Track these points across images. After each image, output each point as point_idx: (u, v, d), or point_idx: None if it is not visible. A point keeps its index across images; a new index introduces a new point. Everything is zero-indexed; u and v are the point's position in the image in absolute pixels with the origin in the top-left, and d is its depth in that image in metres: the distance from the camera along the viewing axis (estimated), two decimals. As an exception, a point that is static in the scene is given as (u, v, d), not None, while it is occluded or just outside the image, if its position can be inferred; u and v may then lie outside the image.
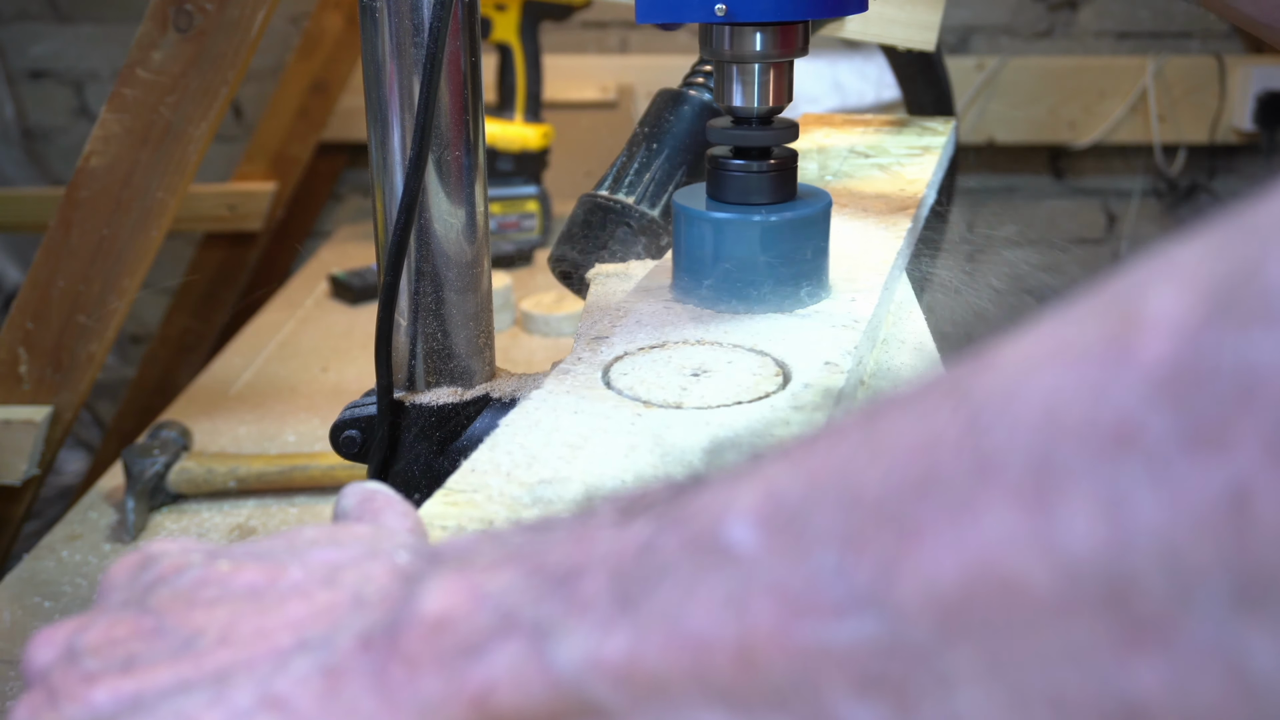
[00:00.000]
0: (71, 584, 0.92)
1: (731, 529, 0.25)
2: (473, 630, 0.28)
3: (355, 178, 2.22)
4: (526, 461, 0.48)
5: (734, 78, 0.62)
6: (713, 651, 0.24)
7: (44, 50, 2.18)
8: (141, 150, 0.97)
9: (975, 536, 0.21)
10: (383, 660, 0.29)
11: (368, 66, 0.62)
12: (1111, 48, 2.20)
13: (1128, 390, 0.21)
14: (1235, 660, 0.19)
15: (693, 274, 0.65)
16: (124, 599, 0.35)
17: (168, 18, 0.94)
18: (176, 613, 0.33)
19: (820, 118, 1.05)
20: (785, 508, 0.24)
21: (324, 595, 0.32)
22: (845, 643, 0.23)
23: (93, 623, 0.34)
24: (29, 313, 1.02)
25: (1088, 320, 0.22)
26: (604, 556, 0.27)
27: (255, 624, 0.32)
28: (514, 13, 1.66)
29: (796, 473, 0.25)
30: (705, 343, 0.60)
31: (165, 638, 0.32)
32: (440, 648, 0.28)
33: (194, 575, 0.34)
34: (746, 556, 0.24)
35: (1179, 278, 0.21)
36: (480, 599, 0.28)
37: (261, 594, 0.33)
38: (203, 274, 1.96)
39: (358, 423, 0.67)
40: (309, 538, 0.35)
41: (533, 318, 1.40)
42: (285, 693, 0.29)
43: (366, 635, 0.30)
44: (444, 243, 0.64)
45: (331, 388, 1.28)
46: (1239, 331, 0.20)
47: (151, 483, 1.01)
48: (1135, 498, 0.20)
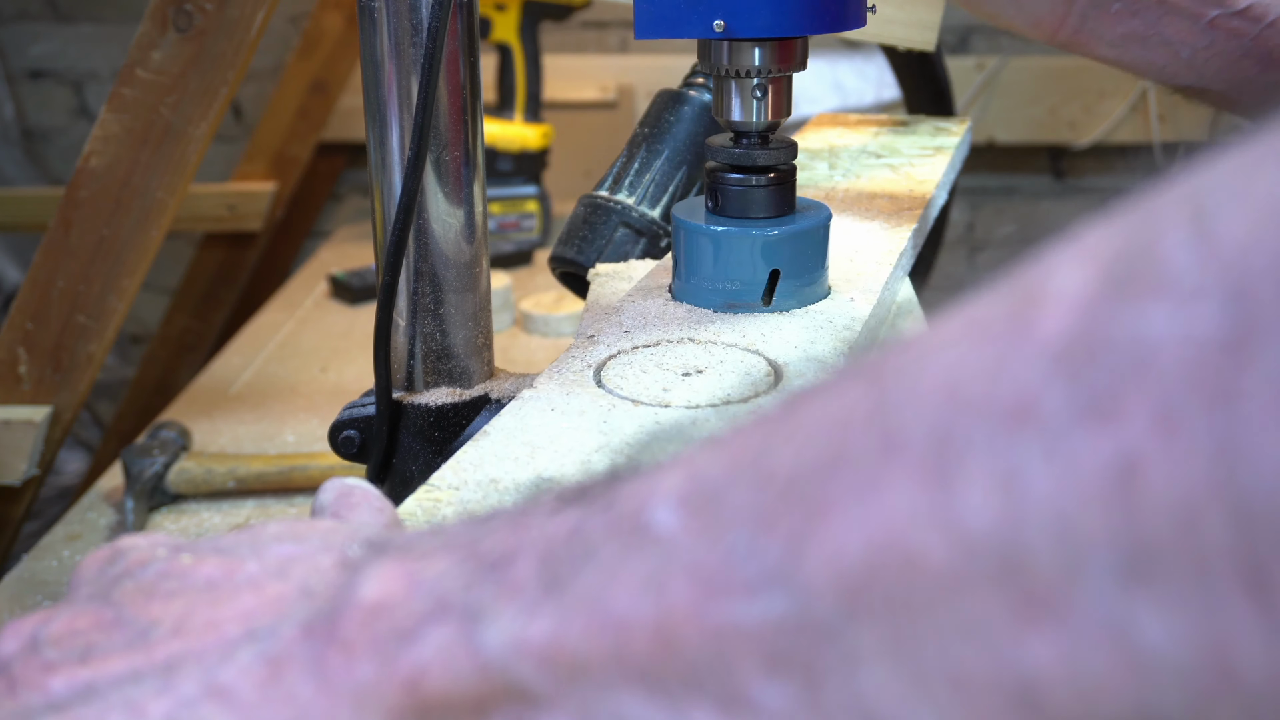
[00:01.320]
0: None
1: (654, 511, 0.25)
2: (407, 615, 0.28)
3: (355, 178, 2.22)
4: (513, 459, 0.48)
5: (733, 93, 0.63)
6: (632, 632, 0.24)
7: (44, 50, 2.18)
8: (141, 150, 0.97)
9: (879, 513, 0.22)
10: (321, 647, 0.29)
11: (366, 66, 0.62)
12: (1111, 48, 2.20)
13: (1026, 364, 0.21)
14: (1125, 633, 0.19)
15: (691, 284, 0.65)
16: (90, 592, 0.36)
17: (167, 18, 0.94)
18: (136, 604, 0.34)
19: (834, 117, 1.05)
20: (704, 489, 0.25)
21: (274, 587, 0.33)
22: (756, 621, 0.23)
23: (57, 615, 0.35)
24: (29, 313, 1.02)
25: (995, 300, 0.23)
26: (535, 541, 0.27)
27: (207, 615, 0.32)
28: (514, 13, 1.66)
29: (718, 455, 0.25)
30: (700, 342, 0.60)
31: (123, 629, 0.33)
32: (375, 633, 0.28)
33: (157, 568, 0.35)
34: (666, 537, 0.25)
35: (1080, 255, 0.22)
36: (415, 585, 0.29)
37: (217, 586, 0.34)
38: (202, 274, 1.96)
39: (356, 423, 0.67)
40: (271, 533, 0.36)
41: (532, 318, 1.40)
42: (229, 682, 0.30)
43: (308, 623, 0.30)
44: (443, 243, 0.64)
45: (331, 388, 1.28)
46: (1132, 304, 0.20)
47: (151, 483, 1.01)
48: (1029, 470, 0.20)
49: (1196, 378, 0.19)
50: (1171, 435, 0.19)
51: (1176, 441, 0.19)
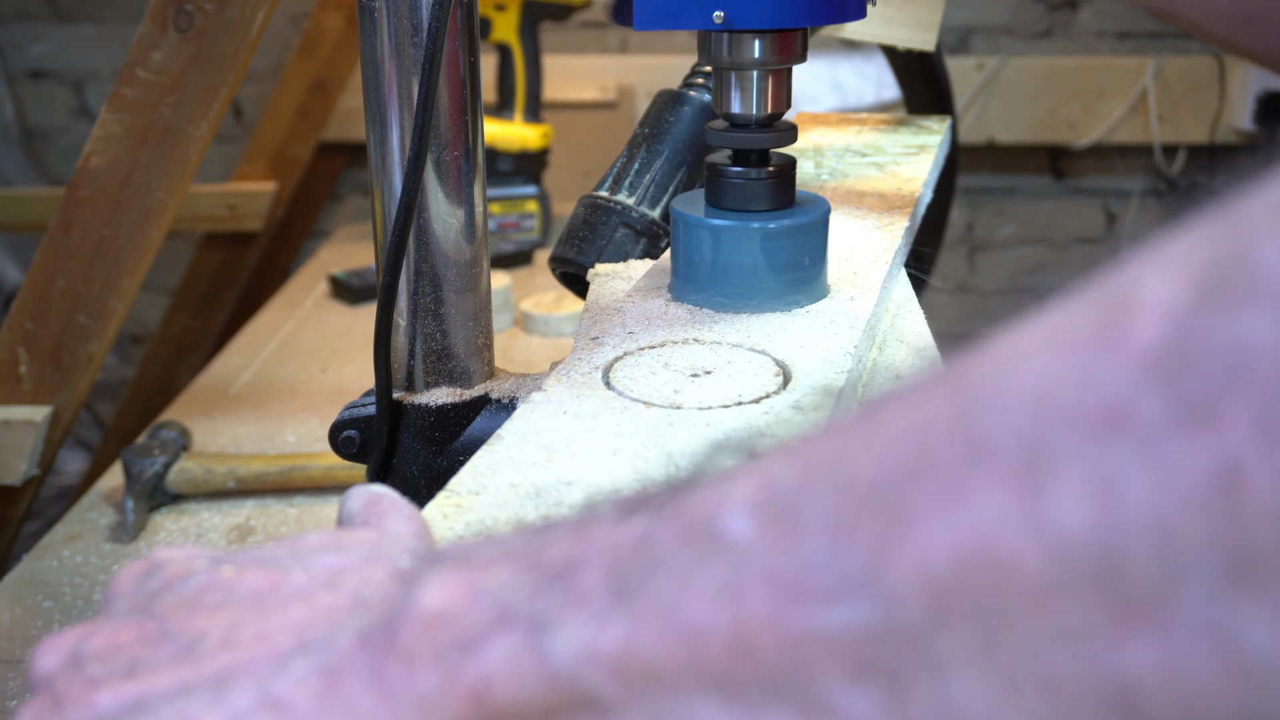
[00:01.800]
0: (71, 584, 0.92)
1: (727, 519, 0.25)
2: (470, 625, 0.28)
3: (355, 178, 2.22)
4: (530, 463, 0.48)
5: (733, 84, 0.63)
6: (707, 640, 0.24)
7: (44, 50, 2.18)
8: (141, 150, 0.97)
9: (966, 520, 0.22)
10: (380, 658, 0.29)
11: (367, 66, 0.62)
12: (1111, 48, 2.20)
13: (1118, 373, 0.21)
14: (1228, 638, 0.19)
15: (691, 281, 0.65)
16: (130, 606, 0.35)
17: (167, 18, 0.94)
18: (180, 618, 0.33)
19: (816, 117, 1.05)
20: (780, 496, 0.24)
21: (325, 598, 0.32)
22: (838, 629, 0.23)
23: (98, 629, 0.34)
24: (29, 313, 1.02)
25: (1080, 310, 0.23)
26: (600, 551, 0.27)
27: (257, 627, 0.32)
28: (514, 13, 1.66)
29: (792, 463, 0.25)
30: (705, 342, 0.60)
31: (168, 642, 0.33)
32: (437, 643, 0.28)
33: (198, 581, 0.35)
34: (741, 545, 0.24)
35: (1170, 265, 0.22)
36: (477, 594, 0.28)
37: (264, 598, 0.33)
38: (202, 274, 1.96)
39: (357, 423, 0.67)
40: (312, 544, 0.36)
41: (532, 318, 1.40)
42: (284, 694, 0.29)
43: (365, 634, 0.30)
44: (443, 243, 0.64)
45: (331, 388, 1.28)
46: (1228, 312, 0.20)
47: (151, 483, 1.01)
48: (1126, 478, 0.20)
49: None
50: (1273, 441, 0.19)
51: (1278, 447, 0.19)
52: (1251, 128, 2.10)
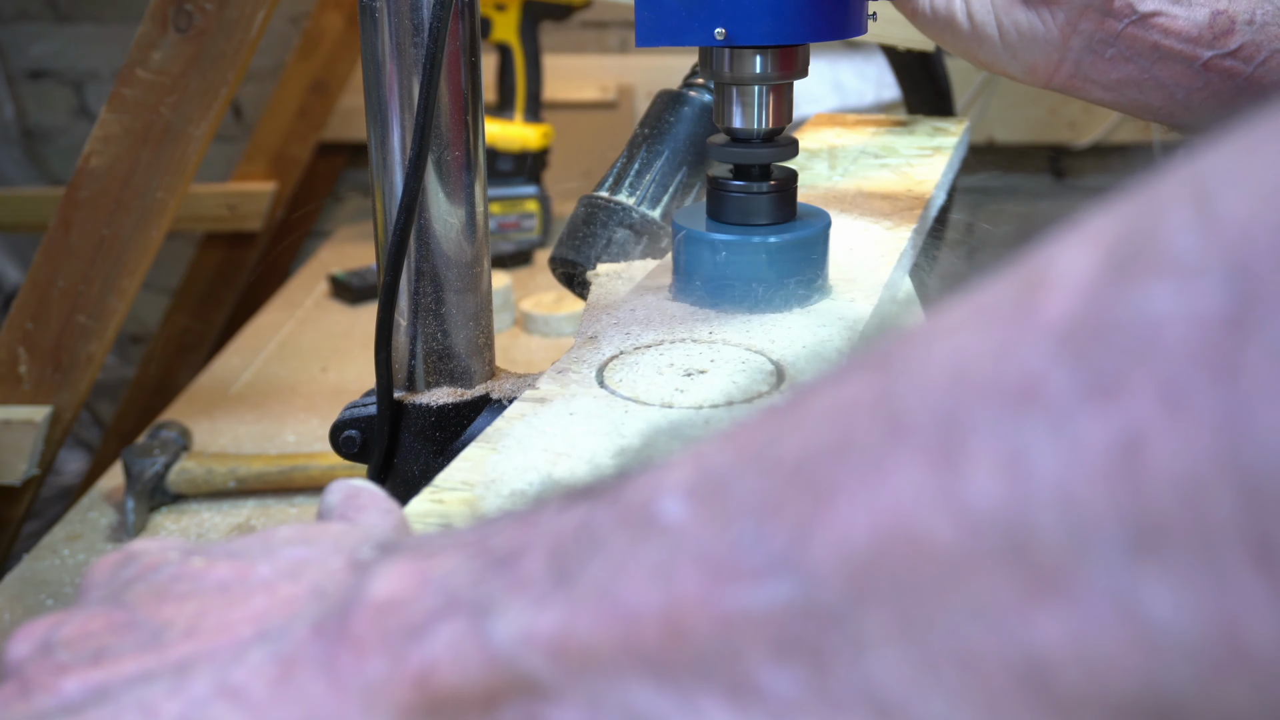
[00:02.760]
0: (72, 584, 0.92)
1: (662, 502, 0.25)
2: (417, 612, 0.28)
3: (355, 178, 2.22)
4: (510, 460, 0.48)
5: (734, 100, 0.63)
6: (641, 622, 0.25)
7: (44, 50, 2.18)
8: (141, 150, 0.97)
9: (885, 496, 0.22)
10: (332, 645, 0.29)
11: (367, 66, 0.62)
12: (1111, 48, 2.20)
13: (1031, 346, 0.21)
14: (1133, 609, 0.19)
15: (692, 295, 0.65)
16: (102, 595, 0.36)
17: (167, 18, 0.94)
18: (148, 606, 0.34)
19: (832, 117, 1.05)
20: (712, 478, 0.25)
21: (286, 588, 0.33)
22: (763, 607, 0.23)
23: (70, 618, 0.35)
24: (29, 313, 1.02)
25: (999, 286, 0.23)
26: (544, 536, 0.27)
27: (220, 617, 0.33)
28: (514, 13, 1.66)
29: (725, 446, 0.26)
30: (701, 341, 0.60)
31: (136, 631, 0.33)
32: (385, 630, 0.28)
33: (169, 571, 0.35)
34: (674, 527, 0.25)
35: (1084, 241, 0.22)
36: (425, 581, 0.29)
37: (230, 588, 0.34)
38: (202, 274, 1.96)
39: (357, 423, 0.67)
40: (283, 536, 0.37)
41: (533, 318, 1.40)
42: (240, 682, 0.30)
43: (319, 622, 0.30)
44: (444, 243, 0.64)
45: (331, 388, 1.28)
46: (1135, 285, 0.20)
47: (151, 483, 1.01)
48: (1035, 450, 0.20)
49: (1200, 354, 0.19)
50: (1176, 411, 0.19)
51: (1181, 417, 0.19)
52: (1251, 128, 2.10)
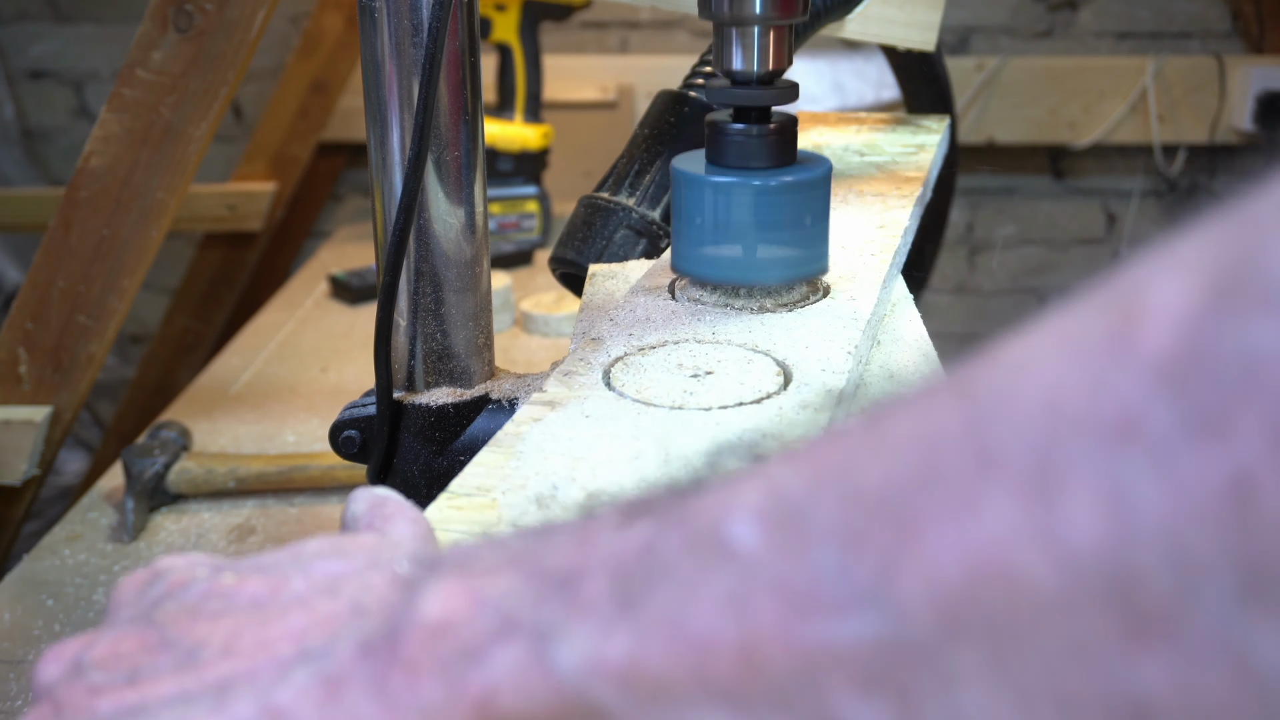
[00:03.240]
0: (72, 584, 0.92)
1: (733, 527, 0.24)
2: (473, 634, 0.28)
3: (355, 178, 2.22)
4: (530, 466, 0.48)
5: (734, 41, 0.62)
6: (715, 652, 0.24)
7: (44, 50, 2.18)
8: (141, 150, 0.97)
9: (976, 531, 0.21)
10: (382, 666, 0.29)
11: (367, 66, 0.62)
12: (1111, 48, 2.20)
13: (1129, 381, 0.20)
14: (1242, 655, 0.19)
15: (692, 241, 0.64)
16: (132, 615, 0.36)
17: (167, 18, 0.94)
18: (181, 626, 0.33)
19: (815, 116, 1.05)
20: (786, 504, 0.24)
21: (324, 605, 0.32)
22: (847, 641, 0.22)
23: (100, 638, 0.34)
24: (29, 313, 1.02)
25: (1090, 314, 0.22)
26: (604, 559, 0.27)
27: (257, 635, 0.32)
28: (514, 13, 1.66)
29: (799, 470, 0.25)
30: (705, 342, 0.59)
31: (170, 650, 0.33)
32: (440, 652, 0.28)
33: (200, 589, 0.35)
34: (747, 554, 0.24)
35: (1179, 270, 0.21)
36: (480, 603, 0.28)
37: (264, 605, 0.33)
38: (202, 274, 1.96)
39: (357, 423, 0.67)
40: (313, 550, 0.36)
41: (532, 318, 1.40)
42: (285, 703, 0.30)
43: (366, 642, 0.30)
44: (443, 243, 0.64)
45: (331, 388, 1.28)
46: (1240, 319, 0.19)
47: (151, 483, 1.01)
48: (1137, 489, 0.20)
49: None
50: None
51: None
52: (1251, 128, 2.10)
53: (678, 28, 2.20)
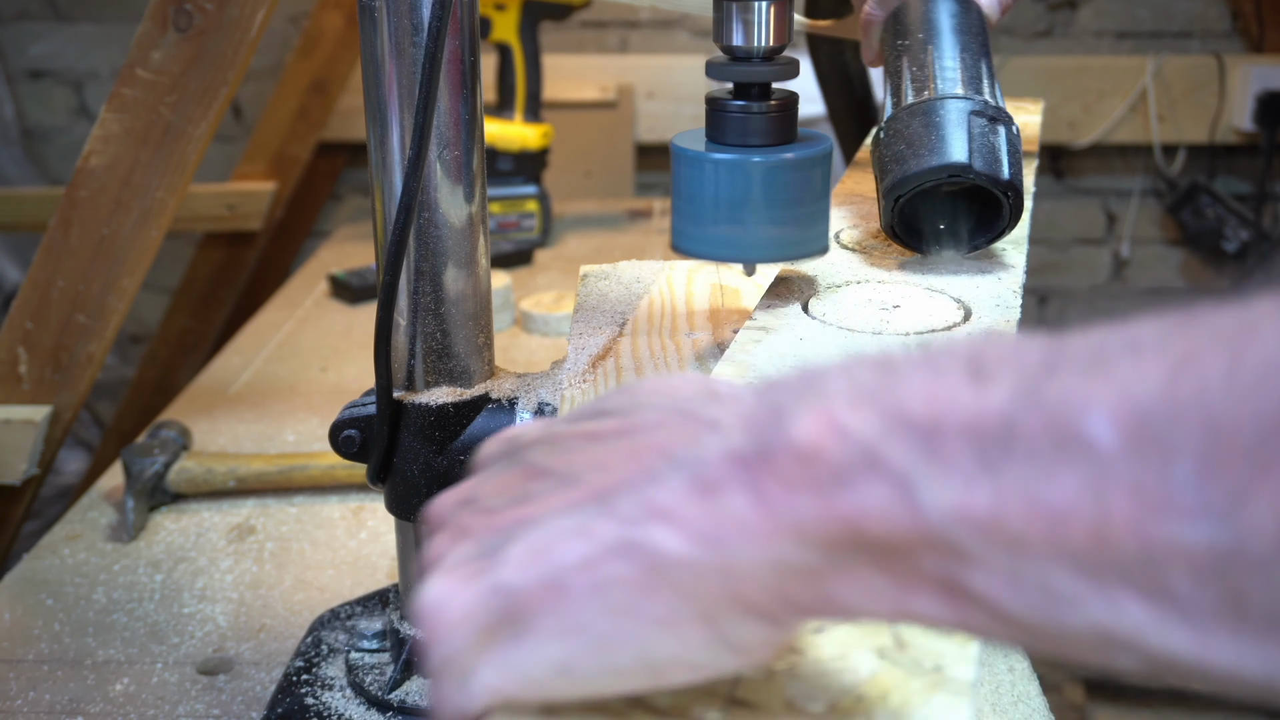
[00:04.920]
0: (72, 583, 0.92)
1: (1091, 423, 0.28)
2: (839, 463, 0.31)
3: (355, 177, 2.22)
4: (766, 375, 0.53)
5: (734, 16, 0.62)
6: (1070, 524, 0.28)
7: (44, 50, 2.18)
8: (141, 150, 0.97)
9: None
10: (756, 475, 0.32)
11: (367, 66, 0.62)
12: (1111, 47, 2.20)
13: None
14: None
15: (692, 219, 0.63)
16: (502, 465, 0.39)
17: (167, 17, 0.94)
18: (556, 459, 0.38)
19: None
20: (1146, 418, 0.27)
21: (682, 424, 0.36)
22: (1193, 541, 0.26)
23: (483, 480, 0.39)
24: (29, 312, 1.02)
25: None
26: (964, 421, 0.30)
27: (626, 453, 0.36)
28: (514, 12, 1.66)
29: (1147, 380, 0.28)
30: (886, 282, 0.65)
31: (548, 478, 0.37)
32: (811, 474, 0.31)
33: (558, 431, 0.39)
34: (1106, 453, 0.27)
35: None
36: (844, 435, 0.31)
37: (624, 433, 0.37)
38: (202, 274, 1.97)
39: (357, 422, 0.67)
40: (646, 389, 0.39)
41: (532, 317, 1.40)
42: (665, 501, 0.33)
43: (738, 453, 0.32)
44: (443, 242, 0.64)
45: (331, 387, 1.28)
46: None
47: (151, 482, 1.01)
48: None
49: None
50: None
51: None
52: (1251, 128, 2.10)
53: (678, 28, 2.20)
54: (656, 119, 2.11)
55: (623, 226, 1.80)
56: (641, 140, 2.10)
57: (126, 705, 0.78)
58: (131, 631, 0.86)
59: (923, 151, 0.65)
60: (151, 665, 0.82)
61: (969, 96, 0.67)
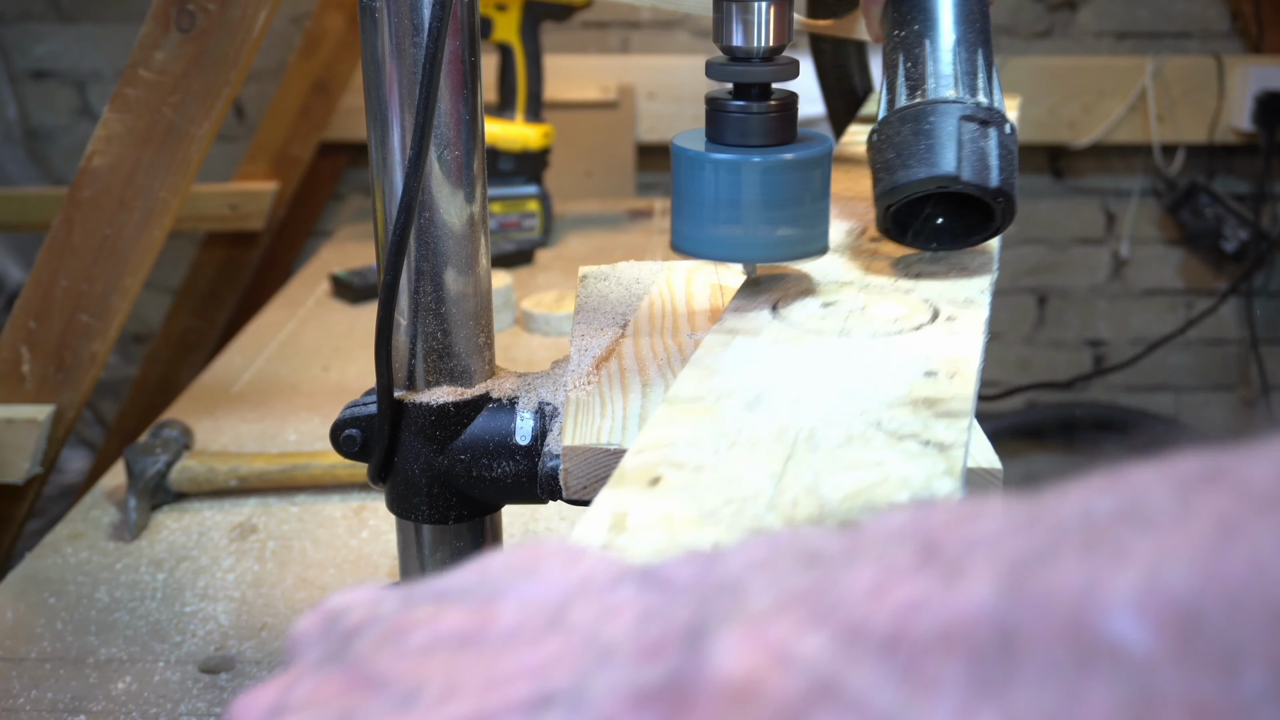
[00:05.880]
0: (74, 582, 0.92)
1: (1117, 623, 0.22)
2: (786, 702, 0.24)
3: (356, 177, 2.23)
4: (731, 380, 0.52)
5: (734, 16, 0.62)
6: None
7: (47, 50, 2.18)
8: (144, 150, 0.98)
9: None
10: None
11: (368, 66, 0.62)
12: (1111, 48, 2.20)
13: None
14: None
15: (691, 219, 0.63)
16: (320, 655, 0.32)
17: (170, 18, 0.95)
18: (386, 663, 0.30)
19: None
20: (1187, 611, 0.22)
21: (553, 641, 0.29)
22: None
23: (297, 679, 0.31)
24: (32, 312, 1.02)
25: None
26: (945, 628, 0.24)
27: (482, 674, 0.28)
28: (515, 12, 1.66)
29: (1189, 568, 0.22)
30: (851, 282, 0.65)
31: (381, 690, 0.29)
32: (751, 718, 0.24)
33: (393, 622, 0.31)
34: (1144, 660, 0.22)
35: None
36: (785, 661, 0.24)
37: (477, 640, 0.30)
38: (204, 273, 1.97)
39: (358, 422, 0.67)
40: (500, 567, 0.32)
41: (533, 317, 1.40)
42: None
43: (638, 691, 0.26)
44: (444, 242, 0.65)
45: (332, 387, 1.29)
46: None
47: (153, 481, 1.01)
48: None
49: None
50: None
51: None
52: (1250, 128, 2.11)
53: (678, 28, 2.20)
54: (657, 119, 2.11)
55: (624, 226, 1.80)
56: (642, 140, 2.10)
57: (129, 703, 0.79)
58: (134, 630, 0.86)
59: (911, 161, 0.64)
60: (153, 664, 0.83)
61: (960, 100, 0.66)
